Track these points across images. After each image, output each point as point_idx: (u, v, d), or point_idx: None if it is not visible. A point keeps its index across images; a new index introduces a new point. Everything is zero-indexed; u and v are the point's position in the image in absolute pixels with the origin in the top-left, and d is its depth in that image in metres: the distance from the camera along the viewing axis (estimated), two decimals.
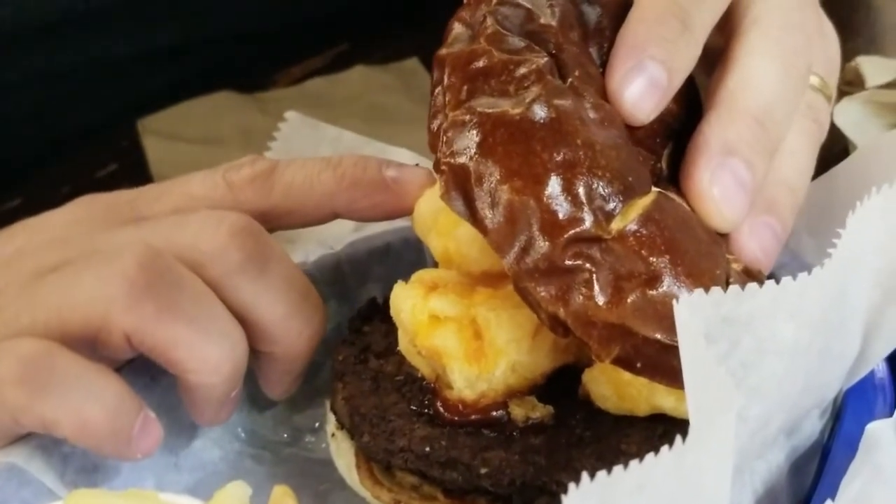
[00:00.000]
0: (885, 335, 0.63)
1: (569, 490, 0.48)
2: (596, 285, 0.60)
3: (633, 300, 0.60)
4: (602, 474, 0.48)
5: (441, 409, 0.66)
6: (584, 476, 0.48)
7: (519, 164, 0.61)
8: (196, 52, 1.10)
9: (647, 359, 0.61)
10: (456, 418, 0.66)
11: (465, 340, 0.65)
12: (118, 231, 0.70)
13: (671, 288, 0.61)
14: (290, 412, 0.76)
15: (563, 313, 0.61)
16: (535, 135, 0.62)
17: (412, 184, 0.70)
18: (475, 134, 0.62)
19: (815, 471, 0.64)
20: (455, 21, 0.67)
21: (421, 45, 1.08)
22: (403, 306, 0.66)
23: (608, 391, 0.65)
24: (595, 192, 0.61)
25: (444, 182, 0.63)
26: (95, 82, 1.08)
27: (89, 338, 0.66)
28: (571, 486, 0.48)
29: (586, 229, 0.61)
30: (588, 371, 0.66)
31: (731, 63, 0.68)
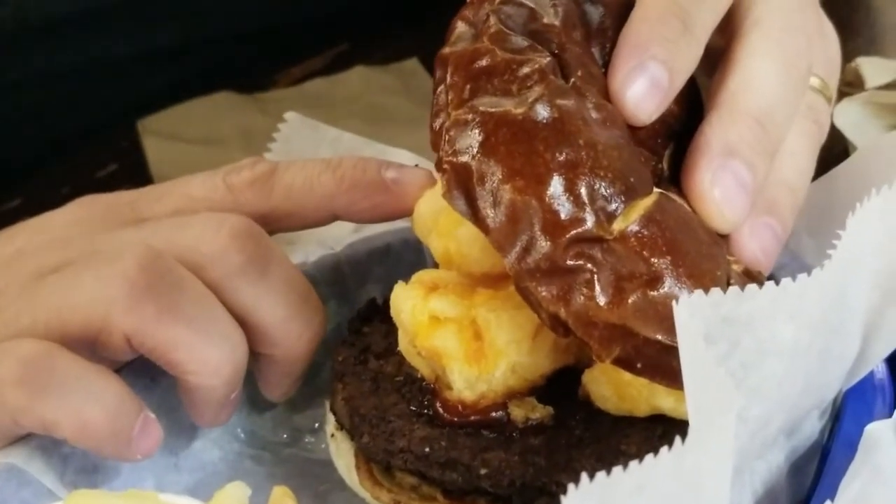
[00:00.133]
0: (885, 336, 0.63)
1: (568, 491, 0.48)
2: (597, 286, 0.60)
3: (634, 301, 0.60)
4: (601, 475, 0.48)
5: (441, 410, 0.66)
6: (583, 477, 0.48)
7: (521, 163, 0.61)
8: (196, 52, 1.10)
9: (648, 359, 0.60)
10: (455, 419, 0.66)
11: (465, 341, 0.65)
12: (119, 232, 0.70)
13: (672, 289, 0.61)
14: (289, 413, 0.76)
15: (564, 313, 0.61)
16: (537, 134, 0.62)
17: (412, 185, 0.70)
18: (478, 133, 0.62)
19: (814, 471, 0.64)
20: (458, 20, 0.67)
21: (421, 45, 1.08)
22: (403, 307, 0.66)
23: (608, 392, 0.65)
24: (597, 193, 0.61)
25: (445, 181, 0.62)
26: (95, 82, 1.08)
27: (89, 339, 0.66)
28: (571, 486, 0.48)
29: (588, 229, 0.61)
30: (588, 372, 0.66)
31: (733, 64, 0.68)
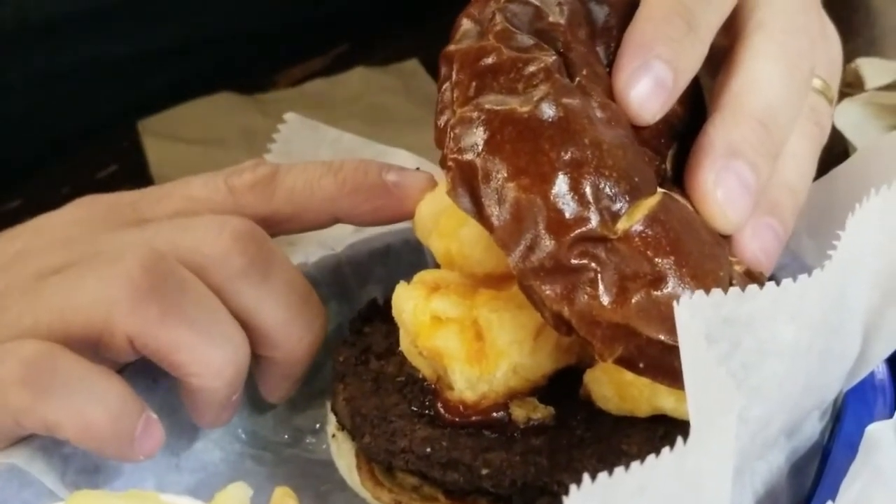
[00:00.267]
0: (885, 336, 0.63)
1: (570, 491, 0.48)
2: (601, 285, 0.60)
3: (637, 300, 0.60)
4: (603, 475, 0.48)
5: (442, 410, 0.66)
6: (585, 477, 0.48)
7: (526, 161, 0.61)
8: (196, 52, 1.10)
9: (650, 359, 0.61)
10: (457, 419, 0.66)
11: (467, 341, 0.65)
12: (121, 233, 0.70)
13: (675, 289, 0.61)
14: (290, 413, 0.76)
15: (567, 312, 0.61)
16: (542, 133, 0.62)
17: (413, 188, 0.70)
18: (483, 131, 0.62)
19: (815, 472, 0.64)
20: (463, 17, 0.67)
21: (421, 46, 1.08)
22: (405, 307, 0.66)
23: (609, 392, 0.65)
24: (602, 192, 0.61)
25: (450, 178, 0.62)
26: (96, 83, 1.08)
27: (92, 340, 0.66)
28: (573, 487, 0.48)
29: (592, 229, 0.61)
30: (589, 372, 0.66)
31: (736, 66, 0.68)
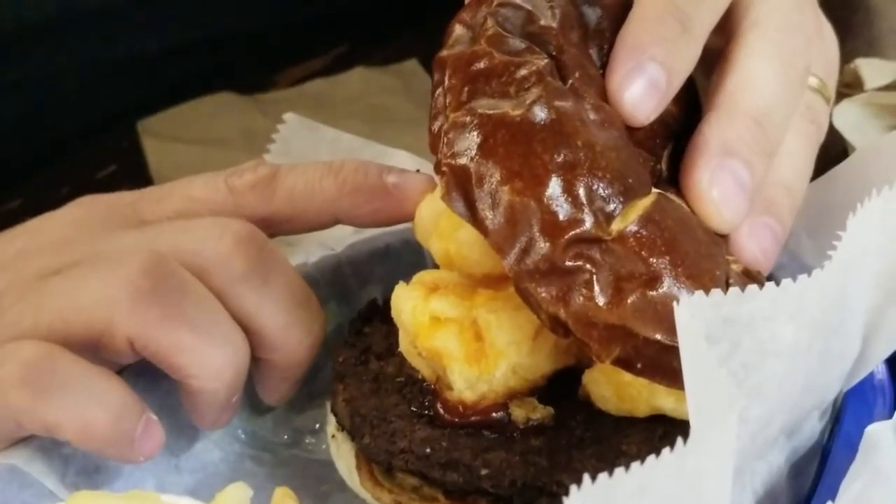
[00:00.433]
0: (885, 337, 0.63)
1: (570, 492, 0.48)
2: (596, 286, 0.60)
3: (633, 301, 0.60)
4: (603, 476, 0.48)
5: (441, 411, 0.66)
6: (585, 478, 0.48)
7: (520, 165, 0.61)
8: (196, 53, 1.10)
9: (648, 360, 0.61)
10: (456, 419, 0.66)
11: (466, 342, 0.65)
12: (122, 235, 0.70)
13: (671, 289, 0.61)
14: (290, 414, 0.76)
15: (563, 314, 0.61)
16: (535, 136, 0.62)
17: (413, 190, 0.70)
18: (476, 135, 0.62)
19: (814, 472, 0.64)
20: (455, 23, 0.67)
21: (421, 46, 1.08)
22: (404, 307, 0.66)
23: (608, 392, 0.65)
24: (595, 194, 0.61)
25: (444, 183, 0.62)
26: (95, 83, 1.08)
27: (92, 341, 0.66)
28: (573, 487, 0.48)
29: (587, 230, 0.61)
30: (588, 372, 0.66)
31: (731, 65, 0.68)
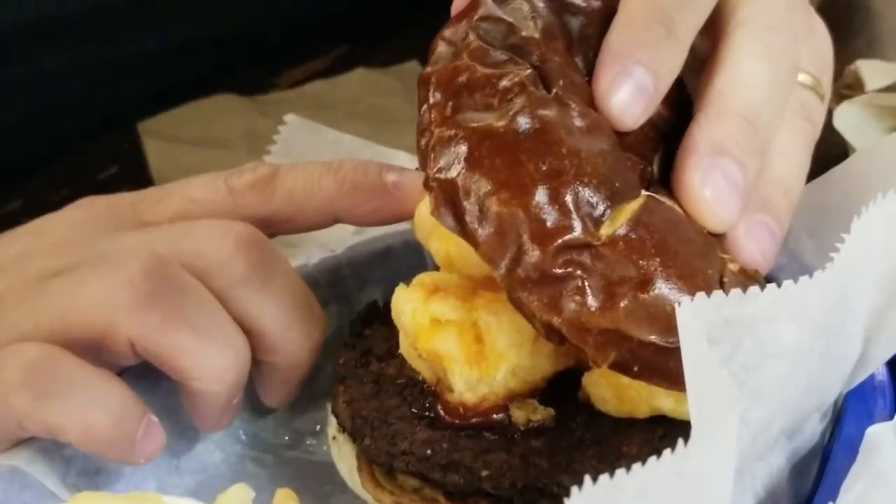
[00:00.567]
0: (887, 339, 0.63)
1: (571, 493, 0.48)
2: (588, 291, 0.60)
3: (625, 304, 0.60)
4: (604, 477, 0.48)
5: (442, 412, 0.66)
6: (586, 479, 0.48)
7: (506, 175, 0.61)
8: (196, 53, 1.10)
9: (644, 362, 0.60)
10: (457, 421, 0.66)
11: (466, 344, 0.65)
12: (123, 236, 0.70)
13: (663, 290, 0.61)
14: (291, 415, 0.76)
15: (557, 321, 0.60)
16: (520, 146, 0.62)
17: (413, 188, 0.70)
18: (461, 149, 0.62)
19: (815, 474, 0.64)
20: (438, 40, 0.67)
21: (421, 47, 1.06)
22: (405, 309, 0.66)
23: (608, 394, 0.65)
24: (582, 199, 0.61)
25: (433, 198, 0.63)
26: (96, 84, 1.08)
27: (93, 343, 0.66)
28: (574, 489, 0.48)
29: (576, 236, 0.61)
30: (588, 374, 0.66)
31: (719, 64, 0.68)
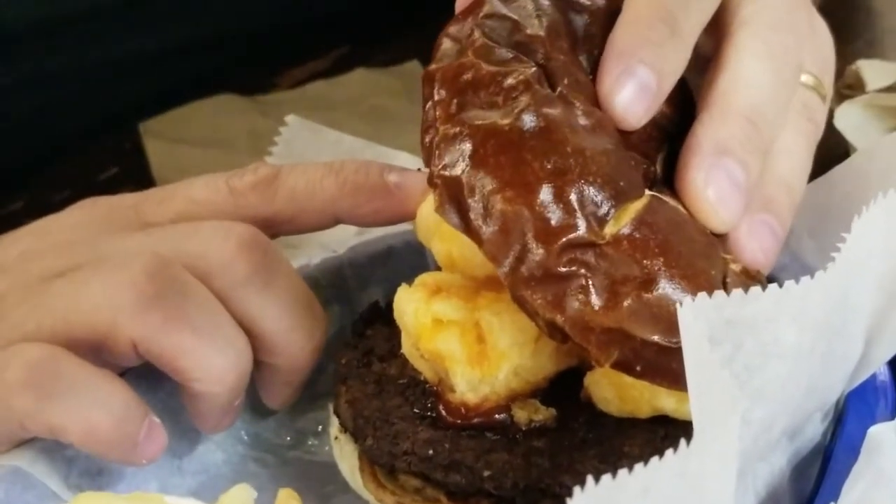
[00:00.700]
0: (888, 339, 0.63)
1: (574, 494, 0.48)
2: (592, 290, 0.60)
3: (629, 304, 0.60)
4: (607, 478, 0.48)
5: (444, 412, 0.66)
6: (588, 479, 0.48)
7: (510, 173, 0.61)
8: (197, 54, 1.10)
9: (647, 361, 0.61)
10: (459, 421, 0.66)
11: (468, 344, 0.65)
12: (125, 237, 0.70)
13: (666, 290, 0.61)
14: (292, 415, 0.76)
15: (560, 320, 0.61)
16: (524, 144, 0.62)
17: (414, 189, 0.70)
18: (466, 146, 0.62)
19: (817, 474, 0.64)
20: (443, 37, 0.67)
21: (422, 47, 1.06)
22: (407, 309, 0.66)
23: (610, 394, 0.65)
24: (587, 198, 0.61)
25: (437, 196, 0.63)
26: (96, 84, 1.08)
27: (95, 344, 0.66)
28: (576, 489, 0.48)
29: (580, 235, 0.61)
30: (590, 374, 0.66)
31: (722, 64, 0.68)
